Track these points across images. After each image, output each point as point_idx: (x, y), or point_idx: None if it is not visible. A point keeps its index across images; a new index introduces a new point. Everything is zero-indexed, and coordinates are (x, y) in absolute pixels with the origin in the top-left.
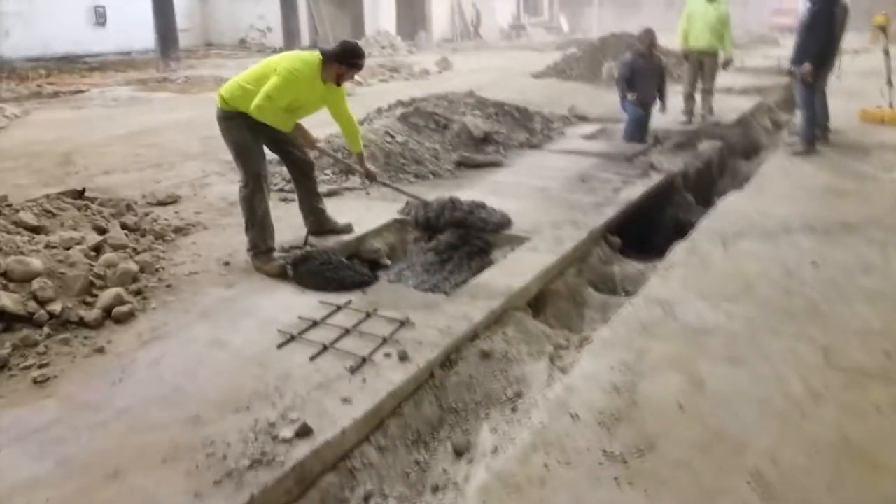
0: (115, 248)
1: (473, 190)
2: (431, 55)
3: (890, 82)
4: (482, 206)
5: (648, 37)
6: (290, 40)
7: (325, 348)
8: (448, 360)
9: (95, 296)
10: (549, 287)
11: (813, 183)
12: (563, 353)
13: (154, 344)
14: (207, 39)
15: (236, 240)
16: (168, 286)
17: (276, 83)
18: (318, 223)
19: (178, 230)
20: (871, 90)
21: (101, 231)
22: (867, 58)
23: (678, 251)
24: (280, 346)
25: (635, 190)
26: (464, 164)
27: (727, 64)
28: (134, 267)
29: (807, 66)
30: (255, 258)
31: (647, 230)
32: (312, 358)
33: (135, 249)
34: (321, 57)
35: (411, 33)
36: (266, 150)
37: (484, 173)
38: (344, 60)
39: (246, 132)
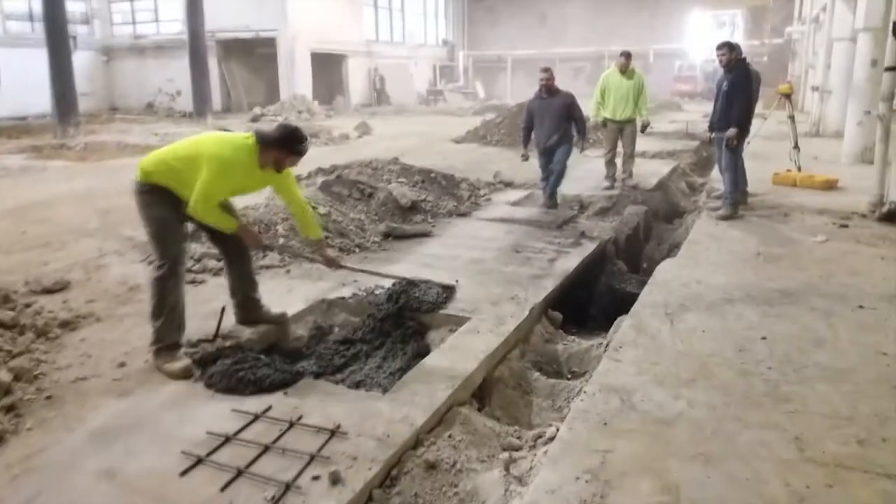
0: None
1: (404, 264)
2: (350, 120)
3: (797, 146)
4: (414, 282)
5: (540, 76)
6: (201, 105)
7: (239, 473)
8: (388, 477)
9: None
10: (493, 373)
11: (743, 249)
12: (518, 456)
13: (27, 478)
14: (112, 103)
15: (135, 334)
16: (48, 398)
17: (209, 179)
18: (250, 312)
19: (66, 324)
20: (777, 153)
21: None
22: (768, 122)
23: (624, 328)
24: (184, 472)
25: (571, 260)
26: (392, 236)
27: (645, 127)
28: (6, 377)
29: (732, 132)
30: (158, 355)
31: (583, 300)
32: (224, 487)
33: (9, 352)
34: (256, 140)
35: (328, 98)
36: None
37: (413, 245)
38: (283, 146)
39: (168, 209)
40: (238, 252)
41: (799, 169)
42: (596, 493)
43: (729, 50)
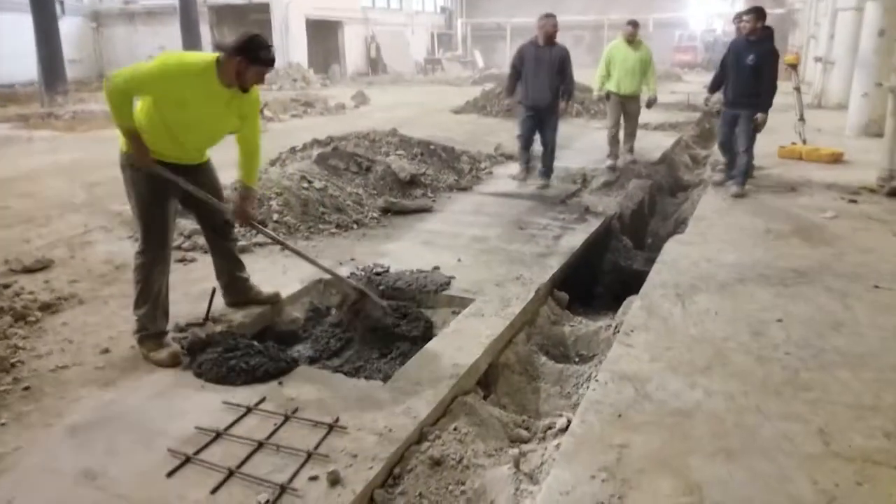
0: None
1: (404, 241)
2: (346, 89)
3: (802, 118)
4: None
5: (545, 22)
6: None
7: (230, 474)
8: (391, 476)
9: None
10: (498, 359)
11: (752, 226)
12: (527, 449)
13: (0, 480)
14: (101, 71)
15: (120, 317)
16: (26, 389)
17: (145, 69)
18: (239, 293)
19: (47, 307)
20: (781, 125)
21: None
22: None
23: (634, 311)
24: (171, 472)
25: (576, 237)
26: (390, 211)
27: (651, 103)
28: None
29: (762, 117)
30: (143, 343)
31: (588, 279)
32: (214, 489)
33: None
34: (218, 56)
35: (324, 66)
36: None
37: (413, 221)
38: (244, 52)
39: (154, 185)
40: (220, 231)
41: (804, 142)
42: (614, 494)
43: (756, 17)
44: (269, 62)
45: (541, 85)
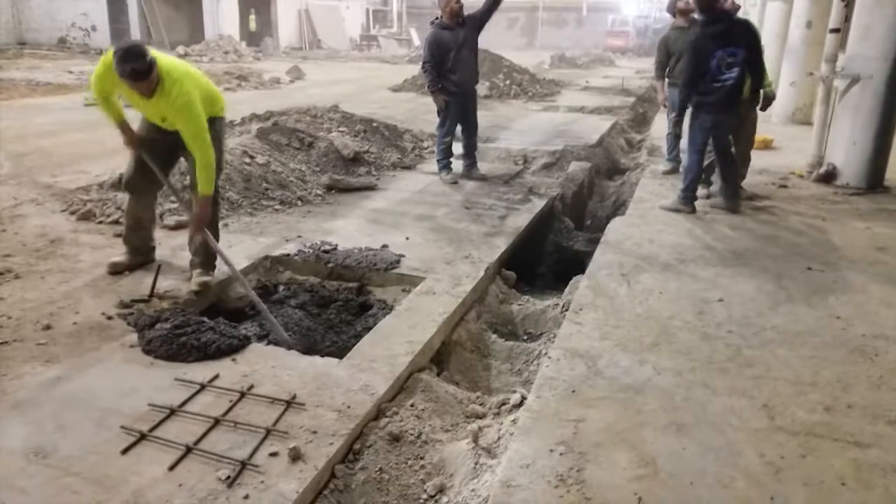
0: None
1: (350, 219)
2: (280, 63)
3: None
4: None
5: (448, 0)
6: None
7: (188, 450)
8: (351, 451)
9: None
10: (451, 336)
11: None
12: (484, 424)
13: None
14: (20, 38)
15: (59, 292)
16: None
17: (95, 70)
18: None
19: None
20: None
21: None
22: None
23: (582, 290)
24: (125, 450)
25: (521, 217)
26: (335, 188)
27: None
28: None
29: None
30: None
31: (532, 259)
32: (172, 466)
33: None
34: None
35: (257, 39)
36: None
37: (358, 198)
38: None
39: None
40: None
41: None
42: (572, 467)
43: None
44: (123, 75)
45: (470, 68)
